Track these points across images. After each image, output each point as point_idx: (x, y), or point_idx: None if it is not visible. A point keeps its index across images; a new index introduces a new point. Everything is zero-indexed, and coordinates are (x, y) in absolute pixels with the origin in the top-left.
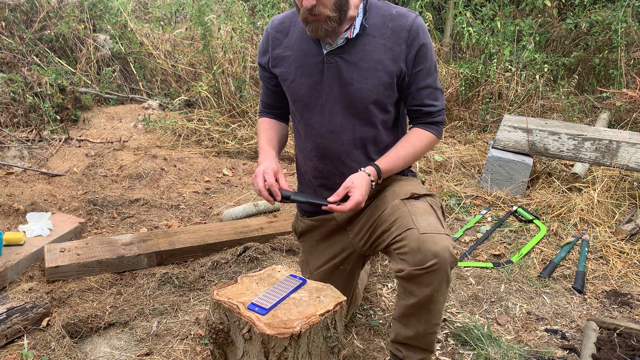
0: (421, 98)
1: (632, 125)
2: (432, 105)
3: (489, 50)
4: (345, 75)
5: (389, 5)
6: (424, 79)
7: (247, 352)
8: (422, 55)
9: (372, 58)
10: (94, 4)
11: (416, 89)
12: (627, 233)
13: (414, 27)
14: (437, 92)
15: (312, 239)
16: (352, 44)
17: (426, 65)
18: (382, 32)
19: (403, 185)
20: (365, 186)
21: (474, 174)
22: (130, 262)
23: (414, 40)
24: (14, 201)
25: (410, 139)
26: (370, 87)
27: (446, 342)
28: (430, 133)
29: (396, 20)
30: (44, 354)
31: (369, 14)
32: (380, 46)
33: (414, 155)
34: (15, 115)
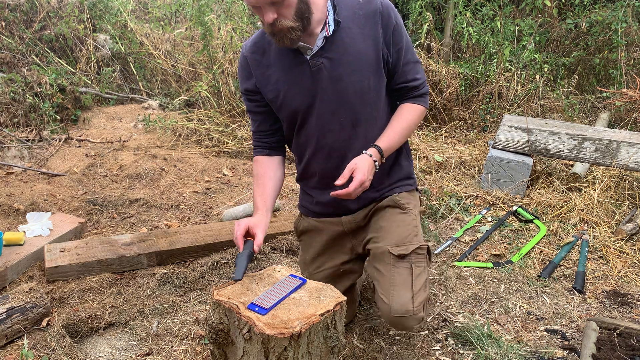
0: (405, 75)
1: (632, 125)
2: (415, 79)
3: (489, 50)
4: (333, 73)
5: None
6: (405, 55)
7: (247, 352)
8: (397, 33)
9: (354, 49)
10: (94, 4)
11: (401, 65)
12: (627, 233)
13: (384, 8)
14: (417, 65)
15: (314, 240)
16: (332, 41)
17: (403, 41)
18: (355, 22)
19: (400, 222)
20: (368, 166)
21: (474, 174)
22: (130, 262)
23: (388, 21)
24: (14, 201)
25: (403, 113)
26: (360, 77)
27: (446, 342)
28: (419, 105)
29: (365, 7)
30: (44, 354)
31: (338, 9)
32: (359, 35)
33: (409, 128)
34: (15, 115)
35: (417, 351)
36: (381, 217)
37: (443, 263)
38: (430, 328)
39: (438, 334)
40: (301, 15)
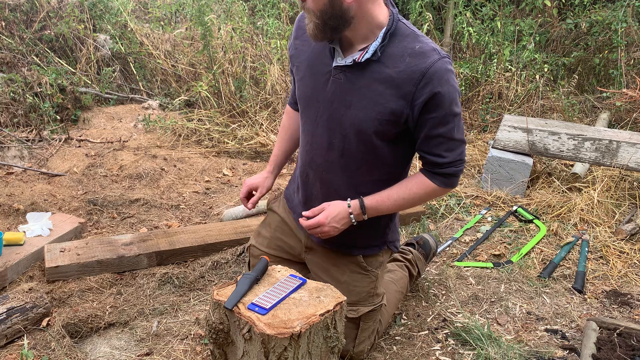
0: (429, 147)
1: (632, 125)
2: (440, 155)
3: (489, 50)
4: (345, 96)
5: (415, 38)
6: (434, 127)
7: (247, 352)
8: (435, 103)
9: (376, 89)
10: (94, 4)
11: (425, 136)
12: (627, 233)
13: (431, 71)
14: (452, 143)
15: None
16: (361, 67)
17: (440, 113)
18: (396, 65)
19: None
20: (338, 214)
21: (474, 174)
22: (130, 262)
23: (427, 85)
24: (14, 201)
25: (409, 183)
26: (366, 117)
27: (446, 342)
28: (432, 182)
29: (415, 58)
30: (44, 354)
31: (389, 41)
32: (389, 79)
33: (408, 200)
34: (15, 115)
35: (417, 351)
36: (342, 272)
37: (443, 263)
38: (430, 328)
39: (438, 334)
40: (324, 18)
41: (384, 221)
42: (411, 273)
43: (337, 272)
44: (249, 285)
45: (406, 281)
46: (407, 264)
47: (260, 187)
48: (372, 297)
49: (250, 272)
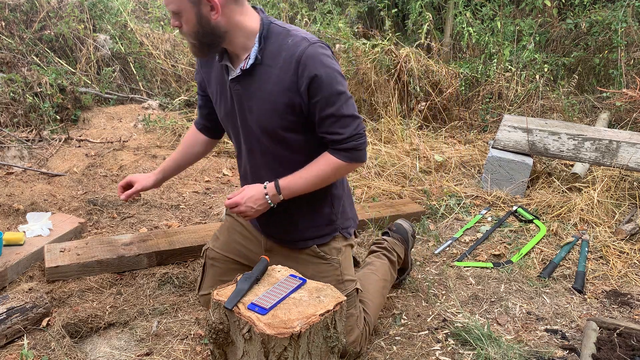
0: (324, 126)
1: (632, 125)
2: (337, 133)
3: (489, 50)
4: (246, 104)
5: (288, 34)
6: (323, 109)
7: (247, 352)
8: (316, 86)
9: (266, 89)
10: (94, 4)
11: (319, 118)
12: (627, 233)
13: (304, 57)
14: (345, 120)
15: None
16: (250, 73)
17: (324, 95)
18: (277, 62)
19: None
20: (255, 195)
21: (474, 174)
22: (130, 262)
23: (304, 71)
24: (14, 201)
25: (318, 162)
26: (267, 117)
27: (446, 342)
28: (336, 159)
29: (289, 50)
30: (44, 354)
31: (266, 43)
32: (274, 77)
33: (318, 177)
34: (15, 115)
35: (417, 351)
36: (305, 267)
37: (443, 263)
38: (430, 328)
39: (438, 334)
40: (198, 38)
41: (326, 209)
42: (390, 259)
43: (301, 267)
44: (249, 285)
45: (387, 268)
46: (383, 252)
47: (138, 183)
48: (342, 283)
49: (250, 272)
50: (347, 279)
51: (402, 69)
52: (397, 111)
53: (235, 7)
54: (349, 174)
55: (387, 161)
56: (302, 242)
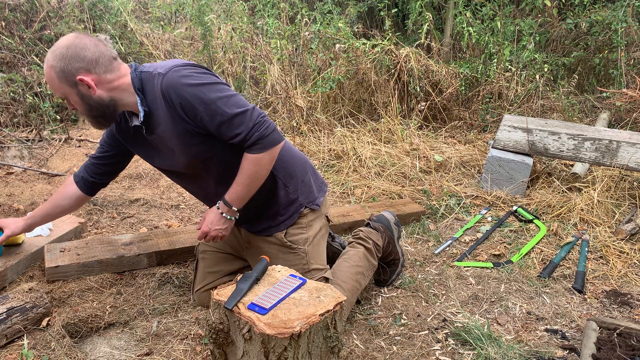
0: (225, 134)
1: (632, 125)
2: (236, 135)
3: (489, 50)
4: (165, 147)
5: (151, 76)
6: (211, 121)
7: (247, 352)
8: (189, 108)
9: (165, 129)
10: (94, 4)
11: (214, 130)
12: (627, 233)
13: (164, 90)
14: (235, 119)
15: None
16: (149, 124)
17: (201, 111)
18: (157, 105)
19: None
20: (214, 218)
21: (474, 174)
22: (130, 262)
23: (172, 101)
24: (14, 201)
25: (243, 165)
26: (182, 149)
27: (446, 342)
28: (253, 155)
29: (156, 91)
30: (44, 354)
31: (144, 93)
32: (162, 118)
33: (251, 177)
34: (15, 115)
35: (417, 351)
36: (275, 257)
37: (443, 263)
38: (430, 328)
39: (438, 333)
40: (91, 113)
41: (281, 192)
42: (366, 246)
43: (272, 258)
44: (249, 285)
45: (361, 254)
46: (358, 241)
47: (8, 229)
48: (309, 272)
49: (250, 272)
50: (314, 268)
51: (402, 69)
52: (397, 111)
53: (109, 75)
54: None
55: (387, 161)
56: (275, 227)
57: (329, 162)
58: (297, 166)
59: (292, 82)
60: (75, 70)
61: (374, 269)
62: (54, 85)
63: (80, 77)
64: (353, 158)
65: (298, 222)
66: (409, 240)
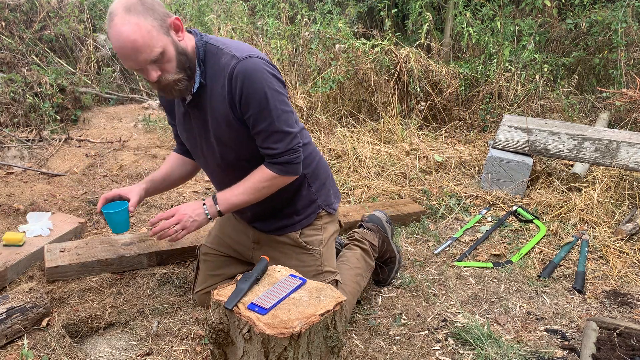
0: (260, 141)
1: (632, 125)
2: (269, 148)
3: (489, 50)
4: (205, 124)
5: (221, 53)
6: (255, 124)
7: (247, 352)
8: (246, 102)
9: (216, 108)
10: (94, 4)
11: (254, 133)
12: (627, 233)
13: (235, 74)
14: (277, 135)
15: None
16: (200, 95)
17: (254, 110)
18: (219, 81)
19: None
20: (190, 208)
21: (474, 174)
22: (130, 262)
23: (235, 88)
24: (14, 201)
25: (253, 174)
26: (224, 133)
27: (446, 342)
28: (271, 171)
29: (224, 70)
30: (44, 354)
31: (205, 66)
32: (219, 95)
33: (254, 189)
34: (15, 115)
35: (417, 351)
36: (289, 257)
37: (443, 263)
38: (430, 328)
39: (438, 334)
40: (182, 66)
41: (304, 191)
42: (362, 248)
43: (284, 257)
44: (249, 285)
45: (358, 256)
46: (354, 243)
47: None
48: (321, 274)
49: (250, 272)
50: (327, 270)
51: (402, 69)
52: (397, 111)
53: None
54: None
55: (387, 161)
56: (290, 226)
57: (329, 162)
58: (322, 169)
59: (292, 82)
60: (164, 15)
61: (371, 270)
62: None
63: (172, 20)
64: (353, 158)
65: (314, 223)
66: (409, 240)
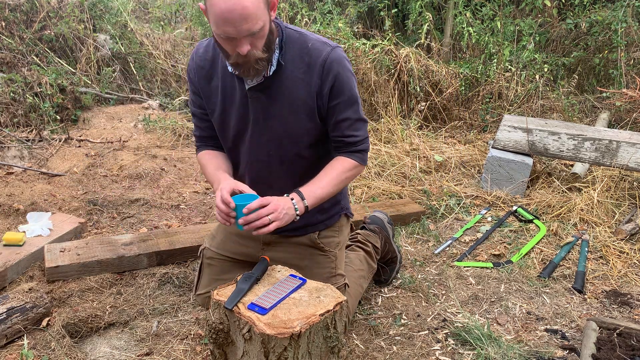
0: (341, 130)
1: (632, 125)
2: (353, 135)
3: (489, 50)
4: (268, 109)
5: (305, 38)
6: (342, 111)
7: (247, 352)
8: (337, 88)
9: (292, 93)
10: (94, 4)
11: (336, 121)
12: (627, 233)
13: (328, 61)
14: (358, 123)
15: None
16: (272, 79)
17: (343, 98)
18: (299, 67)
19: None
20: (282, 201)
21: (474, 174)
22: (130, 262)
23: (328, 74)
24: (14, 201)
25: (333, 165)
26: (293, 120)
27: (446, 342)
28: (352, 160)
29: (311, 55)
30: (44, 354)
31: (285, 49)
32: (299, 81)
33: (338, 180)
34: (15, 115)
35: (417, 351)
36: (302, 257)
37: (443, 263)
38: (430, 328)
39: (438, 334)
40: (268, 46)
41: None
42: (365, 250)
43: (297, 259)
44: (249, 285)
45: (361, 258)
46: (357, 245)
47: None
48: (334, 277)
49: (250, 272)
50: (339, 273)
51: (402, 69)
52: (397, 111)
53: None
54: None
55: (387, 161)
56: (312, 226)
57: None
58: None
59: None
60: None
61: (373, 272)
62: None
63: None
64: None
65: (333, 225)
66: (409, 240)
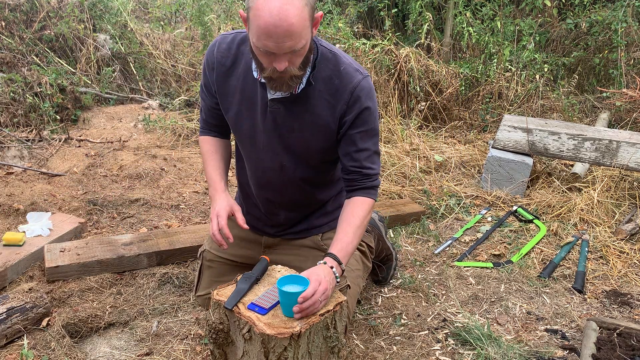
0: (359, 160)
1: (632, 125)
2: (370, 168)
3: (489, 50)
4: (287, 123)
5: (338, 60)
6: (363, 141)
7: (247, 352)
8: (363, 118)
9: (315, 112)
10: (94, 4)
11: (355, 150)
12: (627, 233)
13: (358, 89)
14: (376, 156)
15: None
16: (298, 96)
17: (367, 128)
18: (327, 88)
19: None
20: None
21: (474, 174)
22: (130, 262)
23: (356, 102)
24: (14, 201)
25: (355, 213)
26: (312, 139)
27: (446, 342)
28: (370, 199)
29: (342, 79)
30: (44, 354)
31: (317, 68)
32: (325, 102)
33: (362, 228)
34: (15, 115)
35: (417, 351)
36: (304, 259)
37: (443, 263)
38: (430, 328)
39: (438, 334)
40: (306, 63)
41: (334, 190)
42: (361, 250)
43: (300, 261)
44: (249, 286)
45: (357, 257)
46: None
47: (236, 207)
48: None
49: (250, 272)
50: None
51: (402, 69)
52: (397, 111)
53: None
54: None
55: (387, 161)
56: (316, 228)
57: None
58: None
59: None
60: (315, 7)
61: (368, 271)
62: (303, 30)
63: (319, 15)
64: None
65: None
66: (409, 240)
